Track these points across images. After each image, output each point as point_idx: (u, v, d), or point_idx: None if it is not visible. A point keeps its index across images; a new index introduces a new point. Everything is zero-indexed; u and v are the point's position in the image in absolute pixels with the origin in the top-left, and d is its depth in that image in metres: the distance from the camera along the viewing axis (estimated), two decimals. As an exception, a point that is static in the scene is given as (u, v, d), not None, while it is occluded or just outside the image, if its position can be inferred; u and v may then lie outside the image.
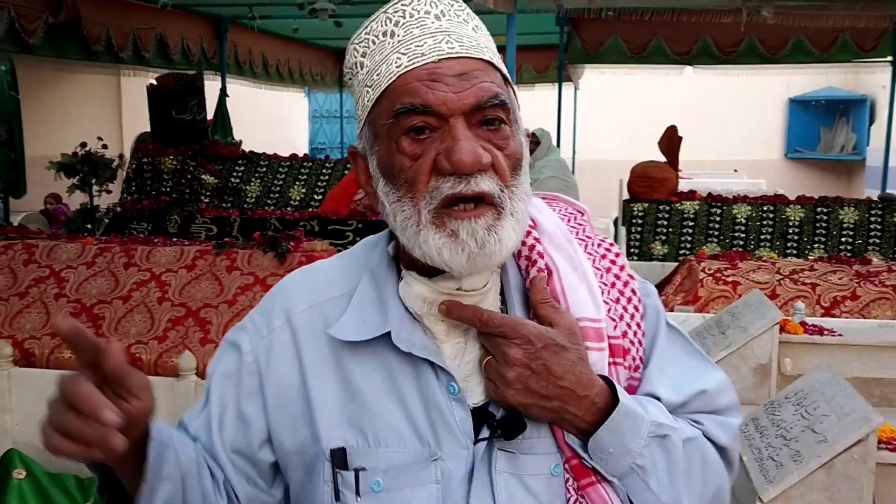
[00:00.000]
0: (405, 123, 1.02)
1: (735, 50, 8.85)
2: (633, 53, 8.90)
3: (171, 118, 6.74)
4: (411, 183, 1.02)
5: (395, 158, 1.03)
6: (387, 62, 1.05)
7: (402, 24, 1.06)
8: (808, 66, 9.79)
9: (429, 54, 1.03)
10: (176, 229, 5.43)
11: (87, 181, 5.44)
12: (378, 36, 1.08)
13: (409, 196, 1.03)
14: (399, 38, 1.05)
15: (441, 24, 1.06)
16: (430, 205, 1.02)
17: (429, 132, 1.02)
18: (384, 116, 1.04)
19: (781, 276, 5.14)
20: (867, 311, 4.89)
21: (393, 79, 1.03)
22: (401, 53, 1.04)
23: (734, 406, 1.20)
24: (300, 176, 6.76)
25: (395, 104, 1.02)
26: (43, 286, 4.02)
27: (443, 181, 1.01)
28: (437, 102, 1.01)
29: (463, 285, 1.08)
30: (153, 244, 4.27)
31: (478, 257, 1.02)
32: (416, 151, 1.02)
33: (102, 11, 7.47)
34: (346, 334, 1.09)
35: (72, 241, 4.30)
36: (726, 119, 15.38)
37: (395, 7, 1.08)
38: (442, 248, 1.01)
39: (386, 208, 1.06)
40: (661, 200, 6.66)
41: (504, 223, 1.03)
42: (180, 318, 3.84)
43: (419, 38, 1.04)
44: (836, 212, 6.32)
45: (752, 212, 6.46)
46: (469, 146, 1.00)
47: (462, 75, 1.02)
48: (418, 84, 1.01)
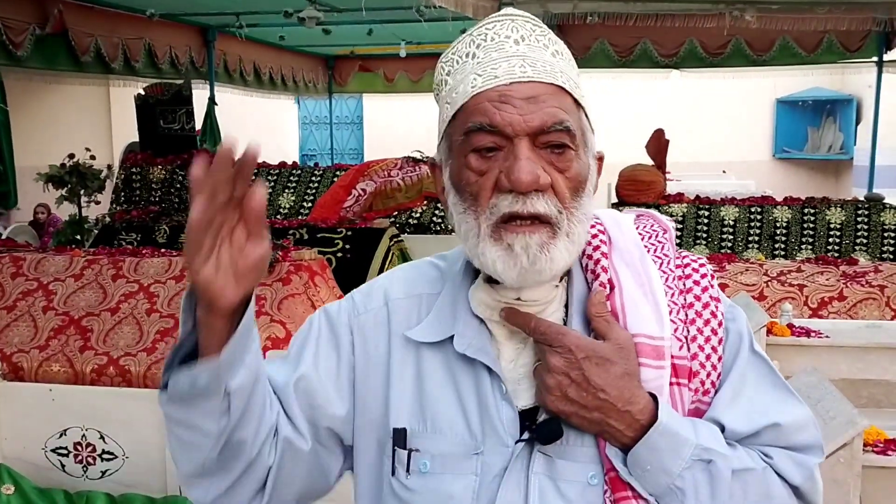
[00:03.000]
0: (474, 141, 1.09)
1: (722, 52, 8.89)
2: (620, 57, 8.93)
3: (159, 128, 6.74)
4: (475, 197, 1.09)
5: (463, 173, 1.10)
6: (464, 82, 1.12)
7: (483, 46, 1.13)
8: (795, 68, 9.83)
9: (501, 77, 1.09)
10: (165, 239, 5.44)
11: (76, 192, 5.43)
12: (462, 56, 1.15)
13: (473, 209, 1.10)
14: (478, 60, 1.12)
15: (519, 49, 1.12)
16: (489, 219, 1.08)
17: (495, 151, 1.08)
18: (457, 132, 1.11)
19: (769, 277, 5.16)
20: (854, 311, 4.92)
21: (467, 98, 1.10)
22: (477, 74, 1.11)
23: (815, 446, 1.16)
24: (289, 184, 6.77)
25: (467, 122, 1.09)
26: (31, 299, 4.02)
27: (502, 198, 1.07)
28: (504, 123, 1.07)
29: (521, 296, 1.13)
30: (141, 255, 4.27)
31: (528, 273, 1.07)
32: (481, 168, 1.09)
33: (90, 22, 7.48)
34: (420, 336, 1.19)
35: (59, 254, 4.30)
36: (714, 121, 15.43)
37: (479, 31, 1.15)
38: (497, 260, 1.08)
39: (454, 218, 1.14)
40: (649, 203, 6.68)
41: (558, 243, 1.08)
42: (169, 330, 3.84)
43: (495, 62, 1.11)
44: (823, 213, 6.36)
45: (739, 214, 6.49)
46: (528, 166, 1.05)
47: (530, 98, 1.07)
48: (488, 104, 1.08)
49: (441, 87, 1.18)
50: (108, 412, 3.39)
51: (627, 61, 8.96)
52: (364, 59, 13.03)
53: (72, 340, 3.84)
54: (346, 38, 10.76)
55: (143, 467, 3.38)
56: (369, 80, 13.31)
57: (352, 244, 5.29)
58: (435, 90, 1.21)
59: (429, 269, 1.27)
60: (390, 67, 12.75)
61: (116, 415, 3.39)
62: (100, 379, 3.71)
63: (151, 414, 3.34)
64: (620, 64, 9.00)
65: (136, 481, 3.36)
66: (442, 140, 1.17)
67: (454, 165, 1.12)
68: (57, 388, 3.51)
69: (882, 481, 2.60)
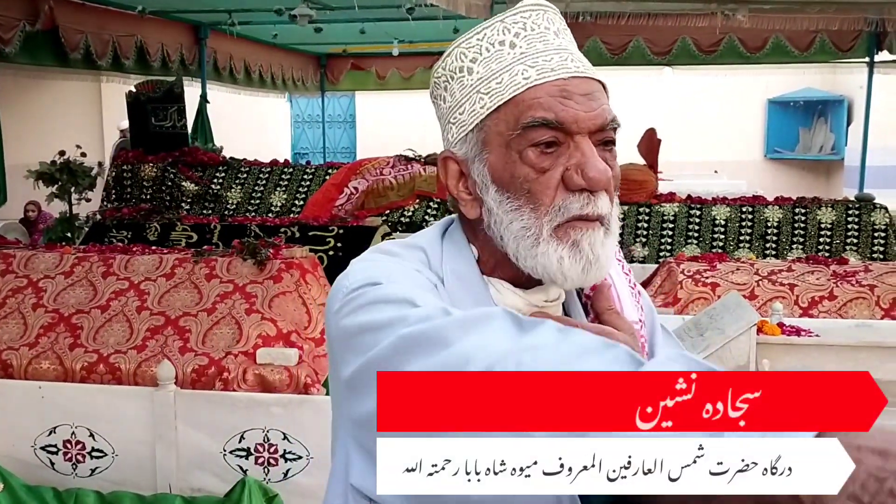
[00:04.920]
0: (534, 136, 1.03)
1: (714, 50, 8.91)
2: (613, 55, 8.96)
3: (150, 125, 6.73)
4: (534, 195, 1.05)
5: (518, 169, 1.05)
6: (510, 72, 1.06)
7: (524, 36, 1.08)
8: (787, 67, 9.87)
9: (558, 70, 1.05)
10: (156, 237, 5.43)
11: (66, 189, 5.42)
12: (494, 44, 1.09)
13: (531, 207, 1.05)
14: (522, 51, 1.07)
15: (561, 42, 1.10)
16: (555, 220, 1.04)
17: (555, 147, 1.04)
18: (507, 126, 1.05)
19: (760, 277, 5.18)
20: (844, 310, 4.94)
21: (520, 90, 1.05)
22: (528, 66, 1.06)
23: None
24: (281, 182, 6.76)
25: (524, 116, 1.04)
26: (20, 296, 4.01)
27: (572, 199, 1.04)
28: (570, 119, 1.03)
29: (549, 296, 1.12)
30: (132, 253, 4.26)
31: (591, 270, 1.05)
32: (543, 165, 1.04)
33: (81, 19, 7.46)
34: None
35: (50, 251, 4.29)
36: (706, 120, 15.48)
37: (513, 18, 1.09)
38: (563, 257, 1.04)
39: (495, 215, 1.08)
40: (641, 203, 6.70)
41: (610, 241, 1.08)
42: (159, 327, 3.84)
43: (545, 53, 1.07)
44: (814, 212, 6.38)
45: (731, 213, 6.50)
46: (601, 164, 1.03)
47: (588, 95, 1.05)
48: (551, 99, 1.04)
49: (461, 73, 1.11)
50: (98, 410, 3.39)
51: (620, 59, 8.98)
52: (356, 57, 13.04)
53: (61, 338, 3.83)
54: (338, 37, 10.76)
55: (132, 465, 3.37)
56: (361, 78, 13.31)
57: (343, 242, 5.29)
58: (444, 76, 1.14)
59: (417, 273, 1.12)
60: (382, 66, 12.76)
61: (106, 412, 3.38)
62: (89, 376, 3.71)
63: (141, 411, 3.34)
64: (613, 62, 9.02)
65: (126, 479, 3.36)
66: (472, 132, 1.09)
67: (499, 160, 1.07)
68: (46, 385, 3.50)
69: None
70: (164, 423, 3.31)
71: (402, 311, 0.95)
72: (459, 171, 1.12)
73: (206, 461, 3.29)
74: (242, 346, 3.73)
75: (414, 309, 0.95)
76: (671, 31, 8.17)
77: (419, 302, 0.97)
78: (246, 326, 3.79)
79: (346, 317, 1.01)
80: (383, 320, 0.95)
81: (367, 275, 1.04)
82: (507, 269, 1.11)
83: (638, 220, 6.62)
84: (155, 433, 3.32)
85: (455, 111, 1.11)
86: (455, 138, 1.11)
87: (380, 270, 1.05)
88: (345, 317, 1.01)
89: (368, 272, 1.05)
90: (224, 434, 3.27)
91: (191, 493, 3.28)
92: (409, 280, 1.04)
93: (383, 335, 0.94)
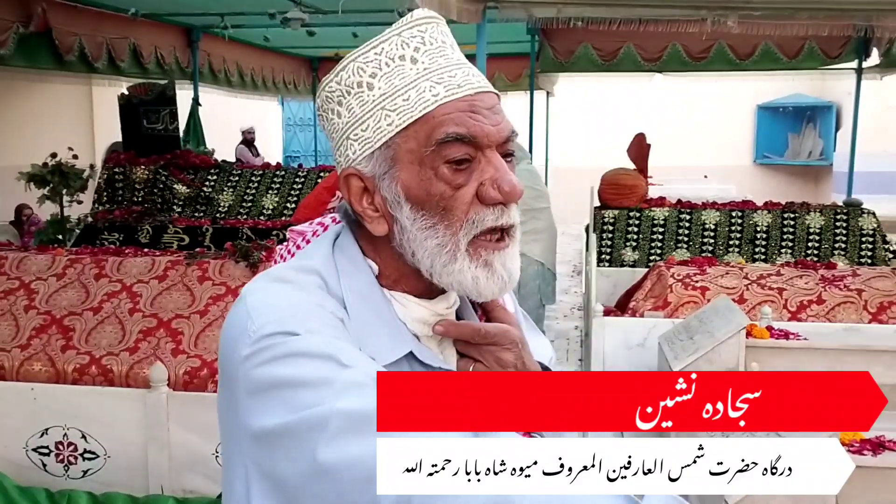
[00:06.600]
0: (448, 152, 1.04)
1: (705, 56, 8.97)
2: (604, 61, 9.00)
3: (142, 128, 6.72)
4: (449, 211, 1.06)
5: (434, 186, 1.05)
6: (416, 89, 1.06)
7: (424, 51, 1.08)
8: (776, 73, 9.94)
9: (464, 86, 1.06)
10: (148, 239, 5.42)
11: (58, 192, 5.40)
12: (394, 59, 1.08)
13: (446, 224, 1.06)
14: (425, 66, 1.07)
15: (458, 57, 1.11)
16: (469, 234, 1.06)
17: (468, 163, 1.06)
18: (418, 143, 1.06)
19: (749, 281, 5.22)
20: (832, 314, 4.98)
21: (430, 107, 1.05)
22: (434, 82, 1.06)
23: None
24: (273, 185, 6.76)
25: (436, 132, 1.04)
26: (12, 298, 4.00)
27: (486, 212, 1.06)
28: (481, 134, 1.05)
29: (450, 302, 1.16)
30: (124, 255, 4.26)
31: (507, 286, 1.09)
32: (459, 181, 1.05)
33: (74, 21, 7.45)
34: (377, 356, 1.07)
35: (42, 253, 4.28)
36: (697, 126, 15.56)
37: (409, 32, 1.09)
38: (479, 277, 1.07)
39: (408, 232, 1.08)
40: (632, 207, 6.73)
41: (517, 251, 1.11)
42: (151, 329, 3.84)
43: (448, 69, 1.08)
44: (803, 217, 6.42)
45: (720, 218, 6.54)
46: (513, 177, 1.06)
47: (492, 108, 1.07)
48: (461, 114, 1.05)
49: (359, 89, 1.09)
50: (90, 411, 3.39)
51: (611, 65, 9.02)
52: (348, 61, 13.03)
53: (54, 339, 3.83)
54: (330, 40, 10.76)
55: (124, 466, 3.37)
56: (353, 82, 13.30)
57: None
58: (338, 91, 1.11)
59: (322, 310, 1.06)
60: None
61: (98, 414, 3.38)
62: (82, 378, 3.70)
63: (134, 413, 3.34)
64: (604, 68, 9.06)
65: (118, 480, 3.36)
66: (379, 150, 1.08)
67: (414, 177, 1.06)
68: (38, 387, 3.50)
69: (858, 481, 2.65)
70: (157, 424, 3.31)
71: (329, 371, 0.94)
72: (363, 187, 1.11)
73: (199, 462, 3.30)
74: (235, 348, 3.73)
75: (342, 371, 0.94)
76: (662, 37, 8.22)
77: (344, 359, 0.95)
78: (239, 329, 3.79)
79: (259, 366, 0.96)
80: (307, 378, 0.93)
81: (277, 318, 1.00)
82: (410, 282, 1.13)
83: (628, 225, 6.65)
84: (147, 435, 3.33)
85: (355, 127, 1.10)
86: (358, 155, 1.09)
87: (290, 313, 1.01)
88: (258, 366, 0.97)
89: (277, 314, 1.00)
90: (216, 436, 3.26)
91: (183, 495, 3.29)
92: (326, 326, 1.02)
93: (308, 396, 0.92)
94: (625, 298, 5.75)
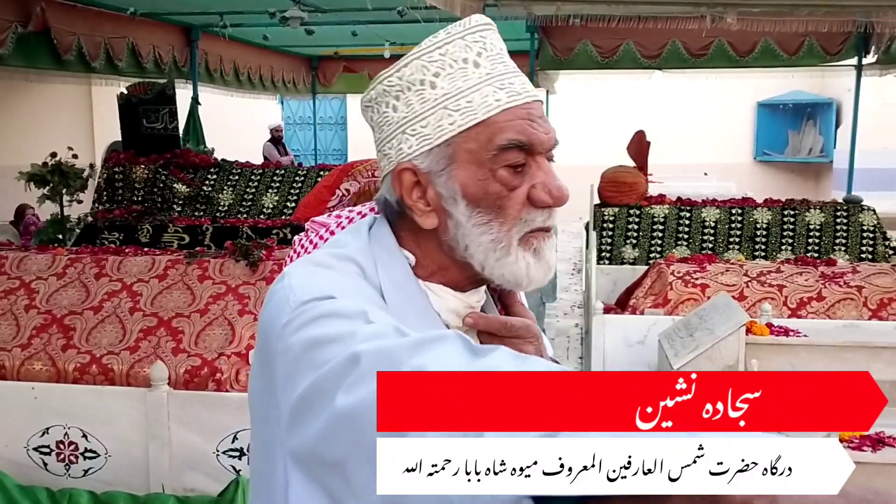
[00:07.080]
0: (508, 157, 1.10)
1: (704, 53, 8.96)
2: (604, 58, 8.99)
3: (142, 127, 6.71)
4: (503, 209, 1.12)
5: (491, 185, 1.11)
6: (480, 93, 1.10)
7: (486, 56, 1.13)
8: (776, 70, 9.93)
9: (522, 94, 1.11)
10: (148, 239, 5.42)
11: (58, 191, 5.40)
12: (457, 61, 1.12)
13: (500, 220, 1.12)
14: (487, 72, 1.12)
15: (514, 65, 1.16)
16: (521, 232, 1.13)
17: (522, 167, 1.12)
18: (478, 145, 1.10)
19: (749, 278, 5.22)
20: (832, 311, 4.98)
21: (493, 112, 1.09)
22: (497, 88, 1.11)
23: None
24: (273, 184, 6.76)
25: (498, 137, 1.09)
26: (13, 297, 4.00)
27: (536, 213, 1.13)
28: (538, 142, 1.11)
29: (480, 297, 1.21)
30: (124, 254, 4.26)
31: (549, 274, 1.17)
32: (513, 183, 1.11)
33: (73, 21, 7.44)
34: None
35: (42, 253, 4.28)
36: (697, 123, 15.56)
37: (472, 37, 1.13)
38: (531, 264, 1.13)
39: (462, 228, 1.13)
40: (632, 205, 6.73)
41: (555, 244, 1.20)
42: (152, 328, 3.84)
43: (506, 76, 1.12)
44: (803, 214, 6.42)
45: (720, 215, 6.54)
46: (562, 183, 1.14)
47: (542, 118, 1.13)
48: (521, 122, 1.10)
49: (420, 86, 1.12)
50: (91, 411, 3.39)
51: (611, 62, 9.02)
52: (348, 59, 13.04)
53: (54, 339, 3.83)
54: (330, 39, 10.77)
55: (125, 465, 3.38)
56: (353, 80, 13.31)
57: (335, 244, 5.29)
58: (399, 86, 1.13)
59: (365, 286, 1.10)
60: (374, 68, 12.74)
61: (99, 413, 3.39)
62: (82, 377, 3.71)
63: (134, 412, 3.35)
64: (604, 65, 9.06)
65: (119, 479, 3.36)
66: (438, 147, 1.11)
67: (472, 176, 1.11)
68: (39, 386, 3.51)
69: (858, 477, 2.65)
70: (157, 423, 3.32)
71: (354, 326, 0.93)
72: (416, 181, 1.14)
73: (199, 461, 3.30)
74: (235, 346, 3.74)
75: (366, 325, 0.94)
76: (661, 34, 8.22)
77: (372, 318, 0.95)
78: (239, 327, 3.80)
79: (295, 332, 0.96)
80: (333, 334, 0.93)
81: (317, 287, 1.01)
82: (448, 275, 1.17)
83: (628, 222, 6.65)
84: (148, 434, 3.33)
85: (413, 123, 1.12)
86: (415, 150, 1.12)
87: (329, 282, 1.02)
88: (294, 332, 0.96)
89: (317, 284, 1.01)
90: (217, 434, 3.28)
91: (184, 493, 3.29)
92: (361, 295, 1.03)
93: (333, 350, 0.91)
94: (625, 296, 5.75)
